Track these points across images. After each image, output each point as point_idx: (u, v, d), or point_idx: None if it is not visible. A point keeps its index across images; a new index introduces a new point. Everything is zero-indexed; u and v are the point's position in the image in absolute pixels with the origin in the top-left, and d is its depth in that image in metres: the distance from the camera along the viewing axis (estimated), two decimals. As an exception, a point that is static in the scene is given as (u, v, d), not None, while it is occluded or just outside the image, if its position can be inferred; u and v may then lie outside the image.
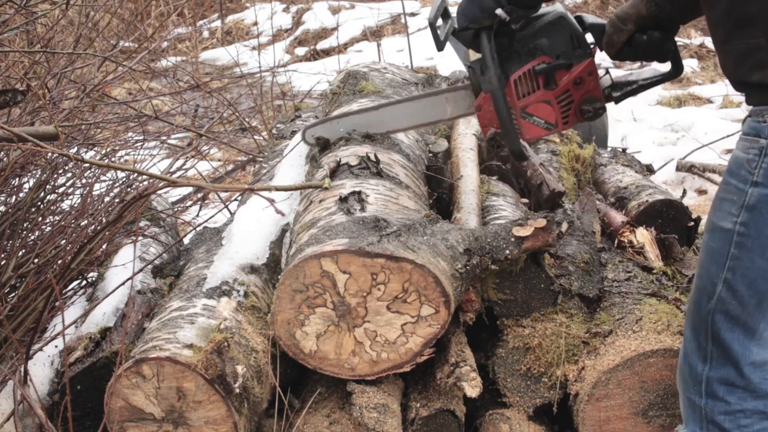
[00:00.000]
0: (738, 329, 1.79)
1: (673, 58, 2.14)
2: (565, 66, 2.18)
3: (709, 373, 1.85)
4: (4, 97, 2.38)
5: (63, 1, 3.16)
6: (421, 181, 2.80)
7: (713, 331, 1.82)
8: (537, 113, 2.22)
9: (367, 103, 2.97)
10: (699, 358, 1.86)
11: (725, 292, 1.79)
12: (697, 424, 1.90)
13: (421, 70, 4.56)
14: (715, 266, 1.80)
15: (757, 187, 1.71)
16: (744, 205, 1.73)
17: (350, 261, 2.14)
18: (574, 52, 2.18)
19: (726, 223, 1.77)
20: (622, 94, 2.25)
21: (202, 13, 10.12)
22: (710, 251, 1.82)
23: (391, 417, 2.14)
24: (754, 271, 1.74)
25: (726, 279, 1.78)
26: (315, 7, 9.72)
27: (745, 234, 1.74)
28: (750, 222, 1.73)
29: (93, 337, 2.45)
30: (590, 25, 2.18)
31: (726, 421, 1.84)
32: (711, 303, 1.82)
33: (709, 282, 1.82)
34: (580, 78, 2.19)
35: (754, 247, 1.73)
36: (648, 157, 5.24)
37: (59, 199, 3.12)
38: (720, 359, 1.83)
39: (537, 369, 2.35)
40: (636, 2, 2.06)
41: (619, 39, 2.10)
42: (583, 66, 2.18)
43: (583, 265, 2.47)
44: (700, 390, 1.87)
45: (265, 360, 2.27)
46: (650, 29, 2.07)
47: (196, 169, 4.59)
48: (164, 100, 5.89)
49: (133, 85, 6.91)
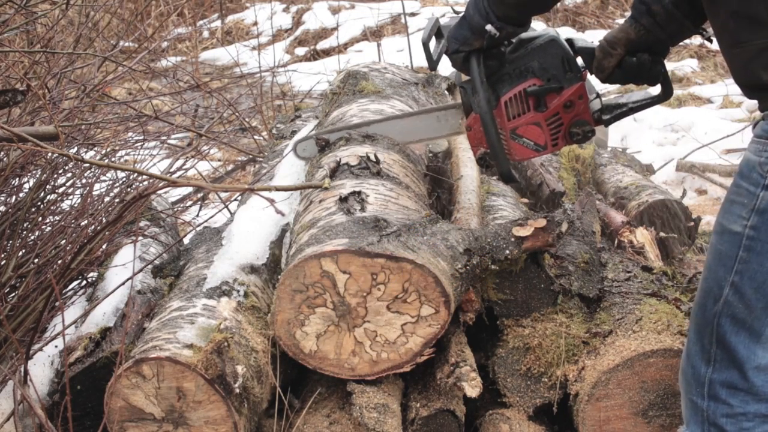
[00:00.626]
0: (744, 333, 1.78)
1: (663, 81, 2.15)
2: (556, 89, 2.19)
3: (712, 375, 1.84)
4: (4, 97, 2.38)
5: (63, 1, 3.16)
6: (421, 181, 2.80)
7: (718, 334, 1.81)
8: (527, 135, 2.23)
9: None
10: (702, 360, 1.85)
11: (732, 295, 1.77)
12: (698, 426, 1.89)
13: (421, 70, 4.56)
14: (723, 269, 1.78)
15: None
16: (755, 208, 1.71)
17: (350, 261, 2.14)
18: (565, 75, 2.19)
19: (735, 226, 1.75)
20: (611, 117, 2.26)
21: (202, 13, 10.12)
22: (718, 254, 1.80)
23: (391, 417, 2.14)
24: (762, 275, 1.73)
25: (733, 282, 1.77)
26: (315, 7, 9.72)
27: (755, 237, 1.72)
28: (760, 225, 1.71)
29: (93, 337, 2.45)
30: (580, 48, 2.19)
31: (728, 423, 1.83)
32: (717, 306, 1.80)
33: (715, 284, 1.80)
34: (570, 101, 2.20)
35: (764, 251, 1.72)
36: (648, 157, 5.24)
37: (59, 199, 3.12)
38: (724, 362, 1.82)
39: (537, 369, 2.35)
40: (625, 26, 2.05)
41: (609, 63, 2.10)
42: (573, 89, 2.19)
43: (583, 265, 2.47)
44: (703, 392, 1.86)
45: (265, 360, 2.27)
46: (640, 52, 2.07)
47: (196, 169, 4.59)
48: (164, 100, 5.89)
49: (133, 85, 6.91)
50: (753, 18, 1.68)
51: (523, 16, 2.05)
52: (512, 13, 2.02)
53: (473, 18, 2.06)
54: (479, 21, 2.05)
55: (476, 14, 2.05)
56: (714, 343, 1.83)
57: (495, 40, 2.08)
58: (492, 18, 2.02)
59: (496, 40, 2.08)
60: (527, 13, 2.04)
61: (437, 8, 9.45)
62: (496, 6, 2.01)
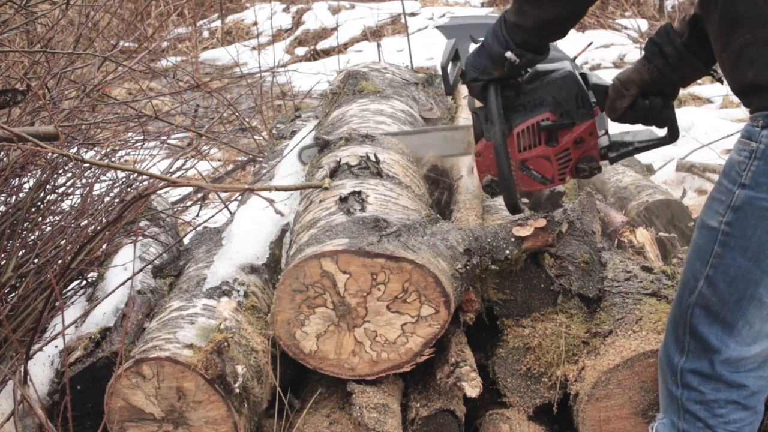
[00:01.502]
0: (717, 325, 1.85)
1: (670, 125, 2.18)
2: (568, 125, 2.20)
3: (684, 364, 1.91)
4: (4, 97, 2.38)
5: (63, 1, 3.16)
6: (421, 181, 2.80)
7: (691, 325, 1.88)
8: (535, 167, 2.25)
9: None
10: (676, 350, 1.93)
11: (706, 288, 1.84)
12: (674, 414, 1.96)
13: (421, 70, 4.56)
14: (699, 262, 1.85)
15: (744, 189, 1.75)
16: (731, 205, 1.78)
17: (350, 261, 2.14)
18: (577, 112, 2.20)
19: (713, 221, 1.82)
20: (617, 155, 2.28)
21: (202, 13, 10.12)
22: (696, 247, 1.87)
23: (391, 417, 2.14)
24: (735, 270, 1.79)
25: (708, 275, 1.84)
26: (315, 7, 9.72)
27: (729, 233, 1.79)
28: (735, 222, 1.77)
29: (93, 337, 2.45)
30: (594, 85, 2.20)
31: (701, 410, 1.90)
32: (692, 297, 1.88)
33: (692, 277, 1.88)
34: (581, 138, 2.21)
35: (737, 247, 1.78)
36: (648, 157, 5.24)
37: (59, 199, 3.12)
38: (696, 352, 1.89)
39: (537, 369, 2.35)
40: (638, 67, 2.08)
41: (622, 104, 2.13)
42: (584, 126, 2.21)
43: (583, 265, 2.47)
44: (677, 380, 1.94)
45: (265, 360, 2.27)
46: (652, 95, 2.10)
47: (196, 169, 4.59)
48: (164, 100, 5.89)
49: (133, 85, 6.91)
50: (734, 18, 1.73)
51: (541, 41, 2.06)
52: (530, 38, 2.04)
53: (492, 47, 2.08)
54: (498, 49, 2.07)
55: (495, 43, 2.07)
56: (687, 333, 1.90)
57: (514, 69, 2.10)
58: (511, 45, 2.05)
59: (516, 68, 2.10)
60: (545, 37, 2.06)
61: (437, 8, 9.45)
62: (515, 32, 2.03)
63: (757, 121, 1.74)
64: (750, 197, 1.74)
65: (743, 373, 1.87)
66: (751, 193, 1.74)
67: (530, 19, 1.98)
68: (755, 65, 1.71)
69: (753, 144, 1.73)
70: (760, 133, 1.72)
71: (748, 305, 1.80)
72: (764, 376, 1.89)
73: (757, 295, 1.79)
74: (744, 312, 1.81)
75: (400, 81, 3.50)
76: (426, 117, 3.31)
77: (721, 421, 1.89)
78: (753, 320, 1.81)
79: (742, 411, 1.89)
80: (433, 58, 7.48)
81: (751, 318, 1.81)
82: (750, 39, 1.70)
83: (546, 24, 1.99)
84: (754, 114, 1.75)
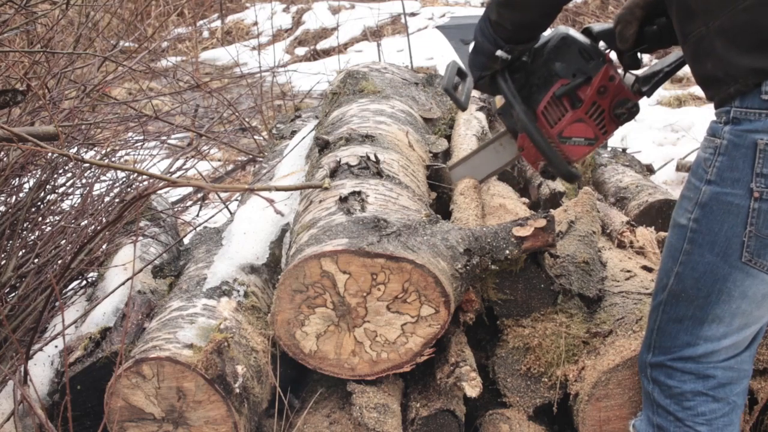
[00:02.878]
0: (687, 321, 1.86)
1: None
2: (585, 81, 2.19)
3: (651, 359, 1.94)
4: (4, 97, 2.38)
5: (63, 1, 3.17)
6: (421, 181, 2.80)
7: (661, 321, 1.91)
8: (574, 134, 2.25)
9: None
10: (646, 345, 1.96)
11: (676, 284, 1.86)
12: (649, 409, 1.99)
13: (421, 70, 4.56)
14: (671, 260, 1.87)
15: (710, 185, 1.77)
16: (698, 202, 1.79)
17: (350, 261, 2.14)
18: (588, 65, 2.19)
19: (682, 219, 1.84)
20: (651, 86, 2.26)
21: (202, 13, 10.12)
22: (669, 246, 1.89)
23: (391, 417, 2.14)
24: (702, 266, 1.81)
25: (677, 272, 1.86)
26: (315, 7, 9.72)
27: (697, 230, 1.80)
28: (702, 218, 1.79)
29: (93, 337, 2.45)
30: (599, 33, 2.19)
31: (671, 404, 1.92)
32: (663, 295, 1.90)
33: (664, 275, 1.90)
34: (603, 86, 2.21)
35: (705, 243, 1.80)
36: (648, 157, 5.24)
37: (59, 199, 3.12)
38: (663, 348, 1.92)
39: (537, 369, 2.35)
40: None
41: (630, 31, 2.12)
42: (601, 74, 2.20)
43: (583, 265, 2.47)
44: (647, 376, 1.97)
45: (265, 360, 2.27)
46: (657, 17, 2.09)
47: (196, 169, 4.59)
48: (164, 100, 5.89)
49: (133, 85, 6.90)
50: (688, 9, 1.75)
51: (525, 36, 2.09)
52: (514, 35, 2.06)
53: (483, 45, 2.11)
54: (489, 47, 2.10)
55: (485, 41, 2.10)
56: (656, 330, 1.93)
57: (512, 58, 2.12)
58: (500, 42, 2.08)
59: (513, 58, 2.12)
60: (528, 33, 2.08)
61: (437, 8, 9.45)
62: (499, 30, 2.06)
63: (720, 118, 1.76)
64: (715, 193, 1.76)
65: (711, 365, 1.88)
66: (717, 189, 1.75)
67: (507, 20, 2.03)
68: (711, 57, 1.73)
69: (717, 140, 1.75)
70: (723, 129, 1.74)
71: (717, 300, 1.81)
72: (735, 368, 1.89)
73: (725, 289, 1.80)
74: (713, 307, 1.82)
75: (400, 81, 3.50)
76: (426, 117, 3.32)
77: (690, 414, 1.90)
78: (722, 315, 1.83)
79: (713, 403, 1.90)
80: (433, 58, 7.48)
81: (720, 313, 1.82)
82: (704, 31, 1.72)
83: (521, 26, 2.03)
84: (718, 110, 1.77)
